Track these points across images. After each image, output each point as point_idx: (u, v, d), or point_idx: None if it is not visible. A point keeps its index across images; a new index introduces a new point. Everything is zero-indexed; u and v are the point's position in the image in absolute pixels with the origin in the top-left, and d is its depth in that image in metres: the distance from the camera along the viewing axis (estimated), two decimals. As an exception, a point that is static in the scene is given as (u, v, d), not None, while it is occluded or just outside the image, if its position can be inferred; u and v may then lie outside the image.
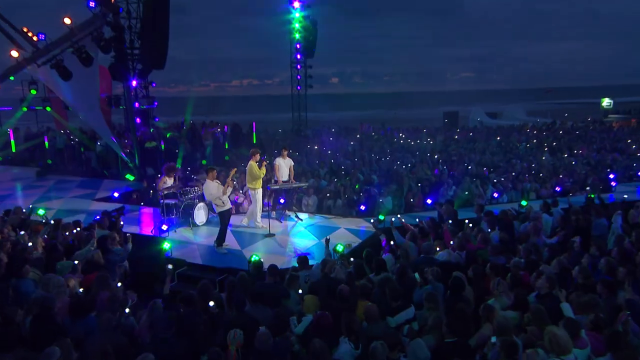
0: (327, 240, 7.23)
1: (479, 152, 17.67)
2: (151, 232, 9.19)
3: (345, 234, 8.98)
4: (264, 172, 9.06)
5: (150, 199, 11.73)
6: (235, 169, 9.28)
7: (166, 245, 8.25)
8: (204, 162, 16.39)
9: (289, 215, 10.13)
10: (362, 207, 10.16)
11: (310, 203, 11.00)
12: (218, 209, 8.40)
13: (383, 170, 14.09)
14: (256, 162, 8.96)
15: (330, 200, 11.05)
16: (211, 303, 4.91)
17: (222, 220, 8.46)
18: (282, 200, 10.03)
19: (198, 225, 9.59)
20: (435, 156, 16.62)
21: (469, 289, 5.31)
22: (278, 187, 10.00)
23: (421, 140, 22.21)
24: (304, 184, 10.63)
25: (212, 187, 8.20)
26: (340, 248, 6.84)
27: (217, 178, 8.59)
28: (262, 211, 9.42)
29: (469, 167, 14.23)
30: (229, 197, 8.57)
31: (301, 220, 9.91)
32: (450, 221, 8.03)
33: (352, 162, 15.82)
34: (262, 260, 6.76)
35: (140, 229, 9.45)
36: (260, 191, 9.39)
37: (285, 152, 9.75)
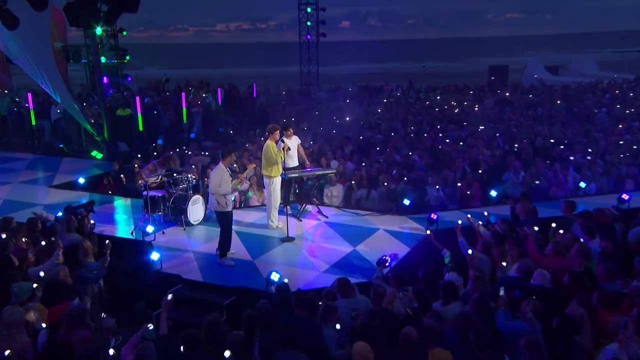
0: (382, 264, 6.69)
1: (546, 121, 17.03)
2: (131, 234, 9.01)
3: (387, 239, 8.74)
4: (283, 156, 8.97)
5: (127, 188, 11.69)
6: (254, 165, 9.03)
7: (154, 256, 7.80)
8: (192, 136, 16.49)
9: (308, 211, 10.01)
10: (406, 201, 9.92)
11: (335, 194, 10.94)
12: (219, 208, 7.98)
13: (424, 147, 13.77)
14: (275, 142, 8.84)
15: (361, 190, 10.86)
16: (227, 353, 4.39)
17: (222, 223, 8.12)
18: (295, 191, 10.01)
19: (192, 225, 9.43)
20: (483, 127, 16.19)
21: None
22: (297, 174, 9.71)
23: (467, 105, 21.67)
24: (330, 171, 10.24)
25: (222, 177, 7.82)
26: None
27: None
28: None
29: (537, 143, 13.75)
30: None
31: (326, 217, 9.81)
32: (530, 225, 7.44)
33: (384, 136, 15.42)
34: (286, 281, 6.27)
35: (115, 229, 9.26)
36: (278, 181, 9.24)
37: (291, 130, 9.58)
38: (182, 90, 17.93)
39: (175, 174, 9.47)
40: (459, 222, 7.39)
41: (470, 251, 6.86)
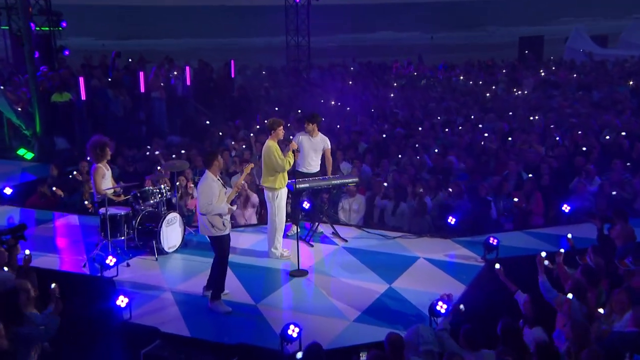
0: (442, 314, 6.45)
1: (609, 109, 16.89)
2: (83, 267, 8.76)
3: (431, 272, 8.51)
4: (292, 162, 8.67)
5: (70, 201, 11.42)
6: (252, 164, 8.64)
7: (121, 301, 7.26)
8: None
9: (321, 232, 9.88)
10: (451, 220, 9.64)
11: (355, 208, 10.85)
12: (213, 232, 7.56)
13: (461, 145, 13.49)
14: (277, 142, 8.71)
15: (385, 200, 10.76)
16: None
17: (219, 252, 7.68)
18: (306, 205, 9.84)
19: (167, 253, 9.17)
20: (537, 117, 15.87)
21: None
22: (308, 185, 9.38)
23: (502, 88, 21.55)
24: (351, 179, 9.99)
25: (213, 191, 7.50)
26: None
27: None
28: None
29: (607, 138, 13.46)
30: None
31: (345, 241, 9.65)
32: (633, 255, 6.94)
33: (405, 129, 15.18)
34: (319, 343, 5.91)
35: (59, 261, 9.01)
36: (284, 194, 8.93)
37: (315, 125, 9.43)
38: (139, 68, 17.48)
39: (144, 186, 9.36)
40: (543, 254, 6.86)
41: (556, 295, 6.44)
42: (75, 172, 11.50)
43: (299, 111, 16.90)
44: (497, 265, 7.04)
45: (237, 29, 71.71)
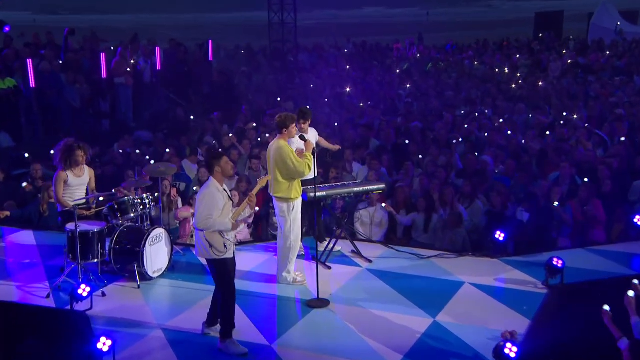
0: None
1: None
2: (47, 298, 8.52)
3: (483, 301, 8.34)
4: (312, 165, 8.49)
5: (23, 214, 11.08)
6: (269, 176, 8.39)
7: (103, 344, 6.84)
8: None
9: (338, 251, 9.78)
10: (500, 235, 9.40)
11: (377, 220, 10.80)
12: (212, 254, 7.26)
13: (492, 142, 13.31)
14: (291, 141, 8.79)
15: (412, 214, 10.80)
16: None
17: (219, 280, 7.40)
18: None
19: (152, 279, 8.93)
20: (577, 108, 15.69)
21: None
22: (325, 193, 9.31)
23: (524, 73, 21.40)
24: (378, 186, 9.85)
25: (215, 203, 7.19)
26: None
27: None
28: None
29: None
30: None
31: (370, 262, 9.51)
32: None
33: (422, 123, 14.95)
34: None
35: (14, 291, 8.72)
36: (299, 205, 8.75)
37: (307, 122, 9.43)
38: (99, 48, 17.25)
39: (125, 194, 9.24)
40: (630, 293, 6.48)
41: None
42: (25, 184, 11.34)
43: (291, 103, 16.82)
44: (606, 307, 6.55)
45: (203, 3, 70.68)
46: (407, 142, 13.46)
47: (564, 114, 15.51)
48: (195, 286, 8.70)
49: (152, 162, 11.75)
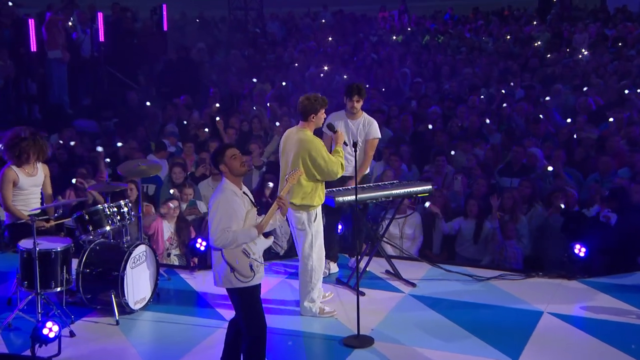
0: None
1: None
2: None
3: (573, 336, 8.12)
4: (343, 164, 8.42)
5: None
6: (300, 171, 7.98)
7: None
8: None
9: (366, 272, 9.63)
10: (580, 250, 9.34)
11: (409, 232, 10.74)
12: (233, 280, 6.90)
13: (536, 131, 13.27)
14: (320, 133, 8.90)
15: (458, 219, 10.81)
16: None
17: (248, 317, 6.96)
18: (339, 227, 9.96)
19: (134, 311, 8.65)
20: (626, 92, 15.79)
21: None
22: (353, 198, 8.78)
23: (538, 46, 21.68)
24: (423, 187, 9.50)
25: (232, 206, 6.90)
26: None
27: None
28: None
29: None
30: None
31: (413, 286, 9.37)
32: None
33: (441, 108, 15.01)
34: None
35: None
36: (320, 213, 8.56)
37: (355, 100, 9.44)
38: (28, 14, 16.92)
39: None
40: None
41: None
42: None
43: (283, 83, 17.15)
44: None
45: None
46: (430, 128, 13.55)
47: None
48: (192, 320, 8.42)
49: (107, 159, 11.71)
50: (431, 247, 10.66)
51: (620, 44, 21.89)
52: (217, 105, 15.15)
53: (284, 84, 17.22)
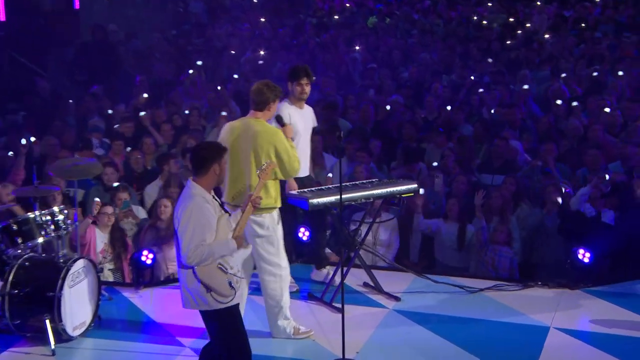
0: None
1: None
2: None
3: (587, 356, 8.10)
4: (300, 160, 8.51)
5: None
6: (271, 161, 7.99)
7: None
8: None
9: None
10: (584, 255, 9.30)
11: (383, 237, 10.75)
12: (210, 301, 6.76)
13: (511, 123, 13.34)
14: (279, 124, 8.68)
15: (437, 220, 10.95)
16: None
17: (229, 338, 6.89)
18: (304, 236, 10.01)
19: (73, 339, 8.39)
20: None
21: None
22: (334, 197, 8.83)
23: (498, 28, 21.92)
24: (406, 187, 9.38)
25: (204, 215, 6.80)
26: None
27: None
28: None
29: None
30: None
31: (397, 300, 9.33)
32: None
33: (403, 97, 15.00)
34: None
35: None
36: (275, 216, 8.43)
37: (305, 83, 9.29)
38: None
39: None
40: None
41: None
42: None
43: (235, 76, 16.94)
44: None
45: None
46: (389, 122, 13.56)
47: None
48: (143, 348, 8.14)
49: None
50: (408, 255, 10.60)
51: (582, 25, 22.25)
52: (145, 95, 15.03)
53: (235, 76, 17.20)
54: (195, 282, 6.57)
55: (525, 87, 15.26)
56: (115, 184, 10.99)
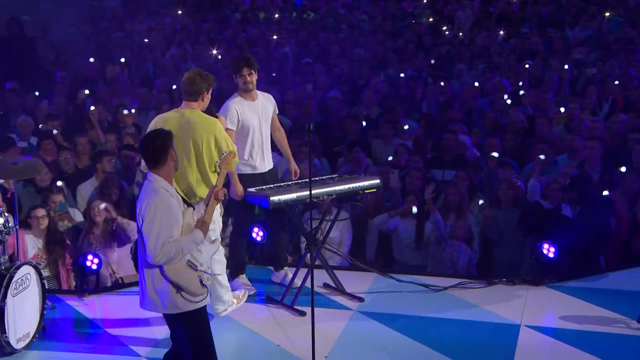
0: None
1: None
2: None
3: (563, 354, 8.03)
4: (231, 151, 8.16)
5: None
6: (230, 151, 7.86)
7: None
8: None
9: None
10: (549, 250, 9.28)
11: (334, 234, 10.48)
12: (178, 303, 6.60)
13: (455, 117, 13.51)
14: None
15: (394, 219, 10.76)
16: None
17: (198, 341, 6.79)
18: (257, 236, 9.93)
19: (16, 351, 8.11)
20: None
21: None
22: (295, 196, 8.85)
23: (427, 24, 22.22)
24: (369, 182, 9.38)
25: (172, 212, 6.72)
26: None
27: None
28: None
29: None
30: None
31: (361, 300, 9.20)
32: None
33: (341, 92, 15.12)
34: None
35: None
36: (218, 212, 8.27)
37: (255, 74, 9.29)
38: None
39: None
40: None
41: None
42: None
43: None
44: None
45: None
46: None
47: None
48: (94, 358, 7.89)
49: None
50: (364, 254, 10.48)
51: (506, 21, 22.57)
52: (87, 92, 14.65)
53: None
54: (163, 282, 6.36)
55: (477, 84, 15.42)
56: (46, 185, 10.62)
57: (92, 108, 13.28)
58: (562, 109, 13.85)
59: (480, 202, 10.61)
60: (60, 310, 8.75)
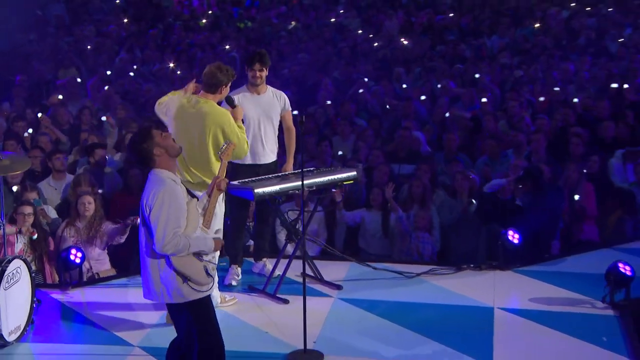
0: None
1: None
2: None
3: (539, 334, 7.97)
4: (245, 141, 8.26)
5: None
6: (231, 142, 7.63)
7: None
8: None
9: (278, 276, 9.19)
10: (514, 237, 9.29)
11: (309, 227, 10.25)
12: (184, 293, 6.25)
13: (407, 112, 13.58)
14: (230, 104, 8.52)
15: (360, 211, 10.82)
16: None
17: (204, 330, 6.39)
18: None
19: (8, 344, 7.77)
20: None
21: None
22: (278, 188, 8.63)
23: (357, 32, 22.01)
24: (346, 174, 9.16)
25: (179, 202, 6.32)
26: None
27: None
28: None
29: None
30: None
31: (339, 288, 9.04)
32: None
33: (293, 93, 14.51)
34: None
35: None
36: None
37: (266, 70, 9.19)
38: None
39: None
40: None
41: None
42: None
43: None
44: None
45: None
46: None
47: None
48: (88, 349, 7.47)
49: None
50: (333, 244, 10.31)
51: (430, 30, 22.75)
52: (60, 97, 14.42)
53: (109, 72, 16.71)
54: (169, 272, 6.05)
55: (443, 87, 15.36)
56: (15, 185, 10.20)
57: (40, 114, 12.96)
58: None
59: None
60: (47, 304, 8.38)
